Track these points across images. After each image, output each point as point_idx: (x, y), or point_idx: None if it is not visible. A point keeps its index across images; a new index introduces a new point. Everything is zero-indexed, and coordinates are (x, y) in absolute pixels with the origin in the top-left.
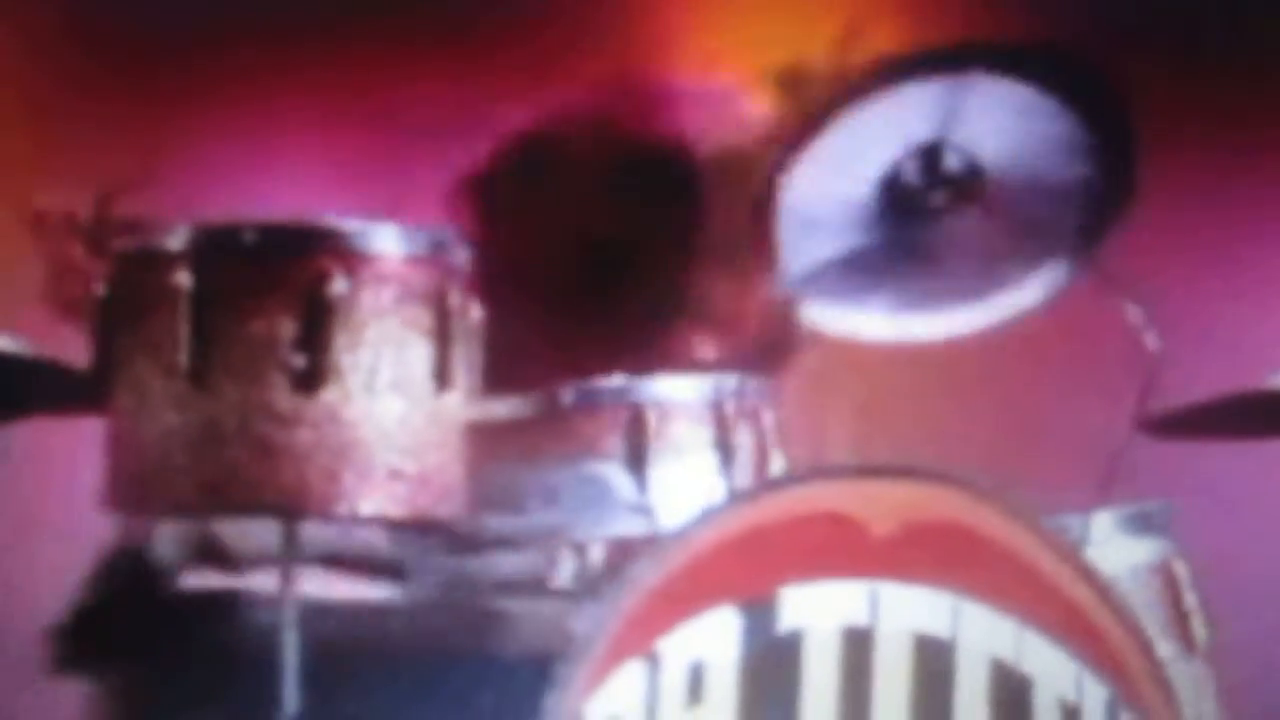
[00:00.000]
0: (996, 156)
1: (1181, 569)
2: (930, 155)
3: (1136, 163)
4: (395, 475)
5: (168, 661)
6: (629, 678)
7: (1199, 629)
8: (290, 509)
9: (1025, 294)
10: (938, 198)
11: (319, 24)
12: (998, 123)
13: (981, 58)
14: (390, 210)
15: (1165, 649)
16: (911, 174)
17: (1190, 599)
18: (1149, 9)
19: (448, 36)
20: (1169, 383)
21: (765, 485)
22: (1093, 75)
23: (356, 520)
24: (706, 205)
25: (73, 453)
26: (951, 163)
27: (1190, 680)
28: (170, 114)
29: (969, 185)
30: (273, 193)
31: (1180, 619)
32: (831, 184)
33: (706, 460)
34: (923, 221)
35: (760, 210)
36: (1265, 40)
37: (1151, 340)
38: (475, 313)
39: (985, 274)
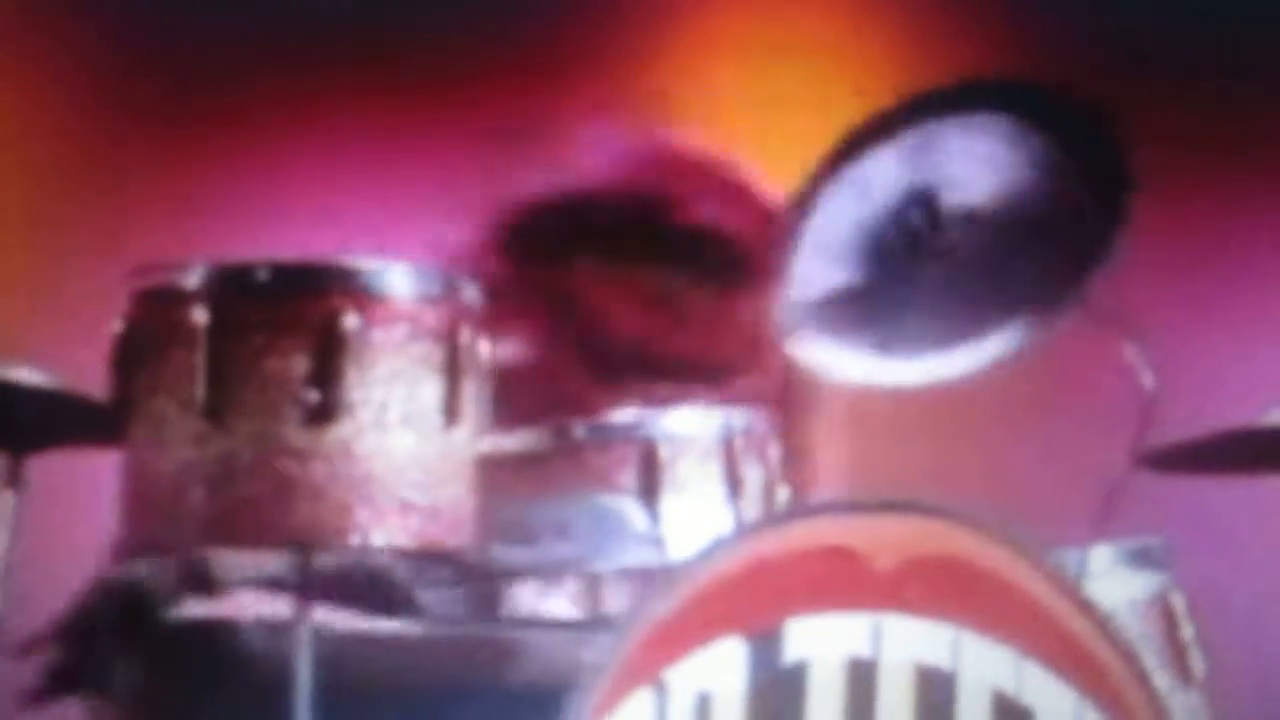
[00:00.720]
0: (991, 199)
1: (1179, 602)
2: (926, 199)
3: (1129, 203)
4: (406, 507)
5: (169, 687)
6: (637, 707)
7: (1195, 661)
8: (304, 541)
9: (1014, 337)
10: (933, 240)
11: (348, 61)
12: (991, 165)
13: (976, 98)
14: (406, 248)
15: (1163, 681)
16: (908, 217)
17: (1187, 631)
18: (1141, 44)
19: (472, 75)
20: (1165, 419)
21: (771, 520)
22: (1086, 115)
23: (368, 551)
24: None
25: (91, 484)
26: (946, 206)
27: (1187, 711)
28: (193, 151)
29: (964, 227)
30: (295, 229)
31: (1177, 651)
32: (831, 227)
33: (716, 494)
34: (918, 263)
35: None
36: (1259, 74)
37: (1148, 378)
38: (485, 349)
39: (976, 317)
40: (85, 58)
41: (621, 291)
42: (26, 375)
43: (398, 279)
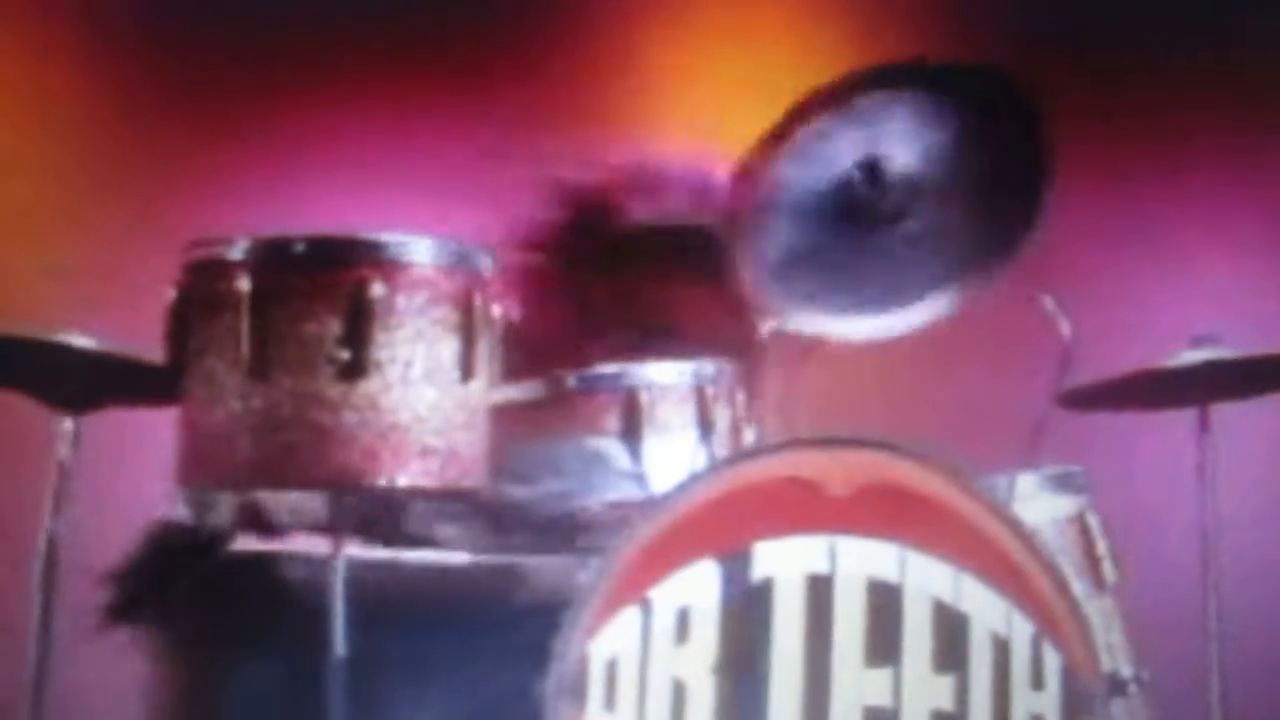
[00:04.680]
0: (930, 170)
1: (1094, 521)
2: (873, 169)
3: (1051, 181)
4: (427, 453)
5: (223, 612)
6: (625, 621)
7: (1108, 571)
8: (338, 483)
9: (954, 297)
10: (876, 205)
11: (370, 46)
12: (930, 139)
13: (919, 78)
14: (429, 221)
15: (1080, 588)
16: (858, 186)
17: (1101, 546)
18: (1067, 20)
19: (479, 66)
20: (1082, 362)
21: (739, 455)
22: (1016, 95)
23: (394, 491)
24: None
25: (141, 437)
26: (891, 176)
27: (1101, 614)
28: (226, 131)
29: (906, 194)
30: (318, 203)
31: (1093, 563)
32: (789, 197)
33: (690, 435)
34: (862, 226)
35: (732, 226)
36: (1176, 44)
37: (1065, 326)
38: (496, 312)
39: (918, 278)
40: (125, 46)
41: (612, 281)
42: (81, 341)
43: (419, 250)
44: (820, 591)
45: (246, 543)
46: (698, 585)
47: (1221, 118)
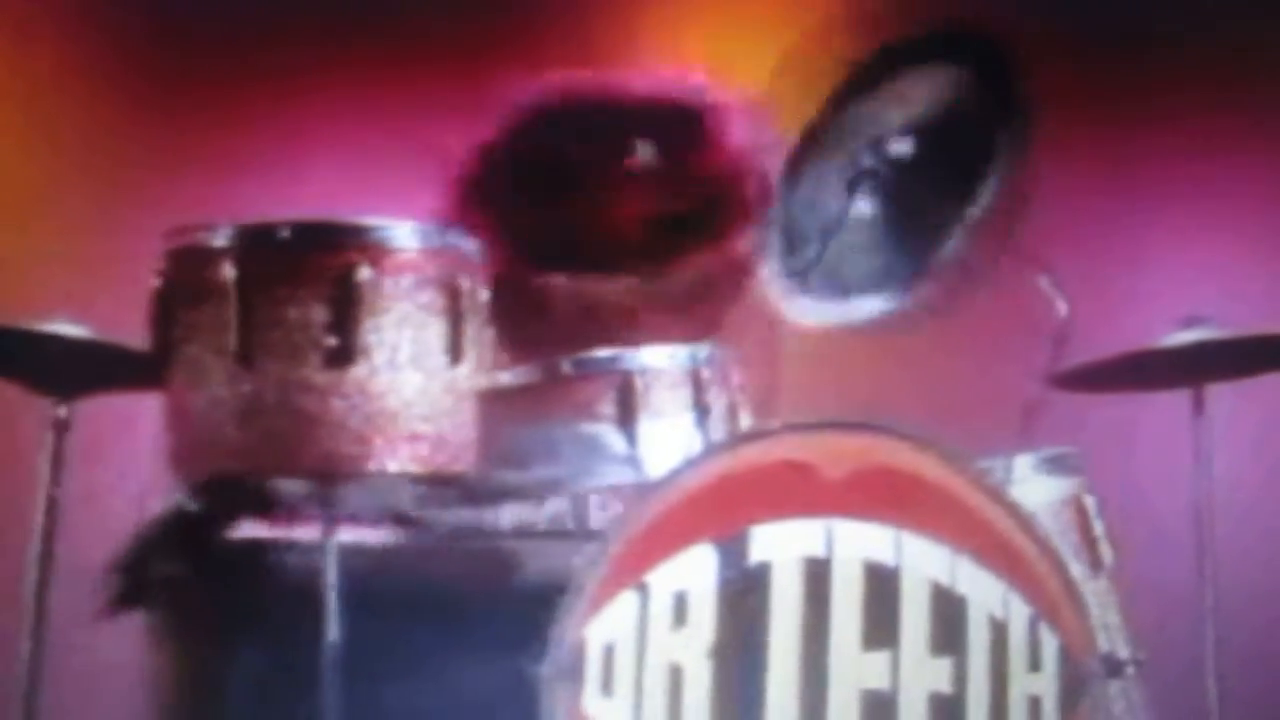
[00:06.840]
0: (925, 141)
1: (1090, 502)
2: (879, 147)
3: (1034, 160)
4: (416, 438)
5: (216, 599)
6: (622, 606)
7: (1104, 552)
8: (326, 469)
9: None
10: (873, 179)
11: (361, 33)
12: (927, 110)
13: (914, 54)
14: (415, 204)
15: (1077, 570)
16: (868, 161)
17: (1097, 527)
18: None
19: (477, 52)
20: (1077, 343)
21: (735, 439)
22: (1003, 61)
23: (384, 477)
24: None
25: (133, 424)
26: (897, 151)
27: (1097, 595)
28: (215, 117)
29: (910, 170)
30: (309, 191)
31: (1089, 544)
32: (806, 182)
33: (686, 419)
34: (855, 198)
35: (753, 211)
36: (1160, 29)
37: (1060, 307)
38: (483, 295)
39: (915, 263)
40: (112, 30)
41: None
42: (68, 328)
43: (404, 234)
44: (817, 575)
45: (237, 530)
46: (694, 569)
47: (1214, 99)
